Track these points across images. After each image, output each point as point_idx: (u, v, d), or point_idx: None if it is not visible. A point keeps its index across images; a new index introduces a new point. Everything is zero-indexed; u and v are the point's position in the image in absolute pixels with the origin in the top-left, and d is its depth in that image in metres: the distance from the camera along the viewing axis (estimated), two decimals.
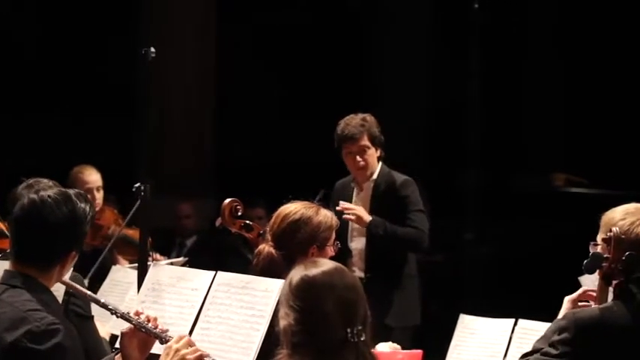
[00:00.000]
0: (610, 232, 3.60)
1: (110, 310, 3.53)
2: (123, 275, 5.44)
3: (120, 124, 10.85)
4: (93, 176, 6.89)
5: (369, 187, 6.16)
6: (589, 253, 3.70)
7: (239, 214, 4.82)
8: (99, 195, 6.89)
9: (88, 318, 4.14)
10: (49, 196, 3.29)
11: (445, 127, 11.27)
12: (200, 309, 3.86)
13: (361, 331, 2.89)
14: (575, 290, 3.94)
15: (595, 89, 11.37)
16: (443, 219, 8.60)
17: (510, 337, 4.39)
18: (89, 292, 3.67)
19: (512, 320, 4.42)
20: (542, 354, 3.58)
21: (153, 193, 4.91)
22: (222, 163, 11.43)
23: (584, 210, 4.34)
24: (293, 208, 4.24)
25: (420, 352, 4.38)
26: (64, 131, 11.59)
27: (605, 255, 3.62)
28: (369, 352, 2.94)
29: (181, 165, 10.94)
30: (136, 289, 4.71)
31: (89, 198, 3.43)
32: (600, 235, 3.71)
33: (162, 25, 10.80)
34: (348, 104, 6.44)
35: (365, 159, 6.06)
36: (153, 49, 4.90)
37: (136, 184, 4.91)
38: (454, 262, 9.44)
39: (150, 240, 5.01)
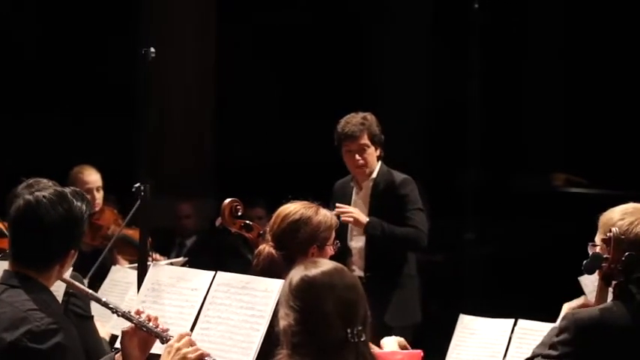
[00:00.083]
0: (609, 232, 3.60)
1: (111, 309, 3.53)
2: (123, 275, 5.44)
3: (120, 124, 10.84)
4: (93, 176, 6.89)
5: (368, 186, 6.15)
6: (588, 253, 3.70)
7: (239, 214, 4.82)
8: (99, 195, 6.88)
9: (87, 318, 4.14)
10: (44, 197, 3.29)
11: (445, 127, 11.27)
12: (200, 309, 3.86)
13: (361, 332, 2.89)
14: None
15: (595, 89, 11.37)
16: (443, 219, 8.61)
17: (510, 337, 4.39)
18: (90, 290, 3.67)
19: (512, 320, 4.42)
20: (544, 357, 3.59)
21: (153, 193, 4.91)
22: (222, 163, 11.43)
23: (583, 210, 4.33)
24: (293, 208, 4.24)
25: (420, 352, 4.38)
26: (64, 131, 11.59)
27: (605, 255, 3.62)
28: (369, 352, 2.93)
29: (181, 165, 10.94)
30: (136, 289, 4.71)
31: (86, 196, 3.43)
32: (599, 236, 3.71)
33: (163, 25, 10.80)
34: (348, 104, 6.44)
35: (364, 157, 6.06)
36: (153, 49, 4.90)
37: (136, 184, 4.91)
38: (454, 262, 9.43)
39: (150, 240, 5.01)
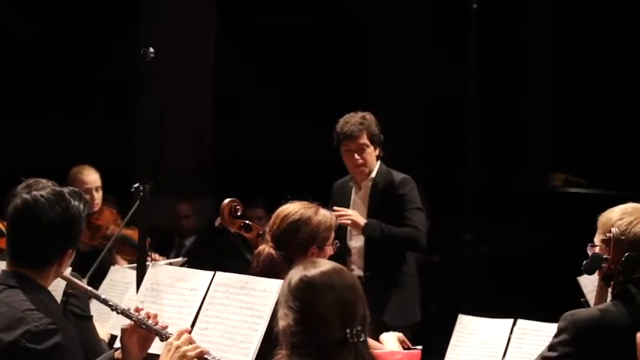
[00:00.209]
0: (609, 232, 3.61)
1: (110, 307, 3.53)
2: (122, 275, 5.44)
3: (120, 124, 10.87)
4: (92, 176, 6.89)
5: (367, 186, 6.15)
6: (587, 254, 3.70)
7: (238, 214, 4.82)
8: (98, 195, 6.88)
9: (86, 318, 4.14)
10: (42, 196, 3.29)
11: (444, 126, 11.26)
12: (199, 309, 3.86)
13: (360, 332, 2.89)
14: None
15: (595, 89, 11.37)
16: (442, 219, 8.61)
17: (509, 338, 4.39)
18: (89, 287, 3.68)
19: (511, 320, 4.43)
20: (543, 358, 3.59)
21: (152, 193, 4.91)
22: (222, 163, 11.43)
23: (583, 210, 4.33)
24: (292, 208, 4.24)
25: (419, 352, 4.39)
26: (63, 131, 11.59)
27: (605, 256, 3.62)
28: (368, 352, 2.93)
29: (181, 165, 10.95)
30: (135, 289, 4.71)
31: (84, 195, 3.43)
32: (598, 236, 3.71)
33: (162, 25, 10.80)
34: (347, 104, 6.43)
35: (363, 157, 6.06)
36: (152, 49, 4.90)
37: (135, 184, 4.91)
38: (453, 262, 9.42)
39: (149, 240, 5.00)
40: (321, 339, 2.87)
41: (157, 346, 3.53)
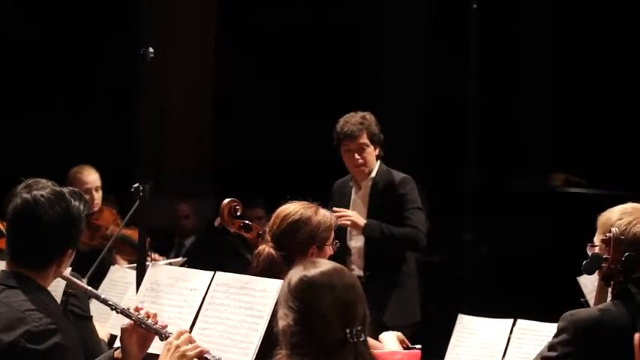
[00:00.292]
0: (609, 232, 3.61)
1: (110, 306, 3.53)
2: (121, 275, 5.44)
3: (120, 124, 10.86)
4: (92, 176, 6.88)
5: (367, 186, 6.15)
6: (587, 254, 3.70)
7: (238, 214, 4.82)
8: (98, 195, 6.88)
9: (86, 318, 4.14)
10: (42, 196, 3.29)
11: (444, 126, 11.26)
12: (199, 309, 3.86)
13: (360, 332, 2.89)
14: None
15: (595, 89, 11.37)
16: (442, 219, 8.61)
17: (509, 338, 4.39)
18: (89, 287, 3.68)
19: (511, 320, 4.43)
20: (543, 357, 3.59)
21: (152, 193, 4.91)
22: (222, 163, 11.42)
23: (583, 210, 4.33)
24: (292, 208, 4.24)
25: (419, 352, 4.38)
26: (63, 131, 11.59)
27: (605, 256, 3.62)
28: (368, 352, 2.93)
29: (181, 165, 10.95)
30: (135, 289, 4.71)
31: (84, 196, 3.43)
32: (598, 236, 3.71)
33: (162, 25, 10.80)
34: (347, 104, 6.43)
35: (364, 157, 6.06)
36: (152, 49, 4.90)
37: (135, 184, 4.91)
38: (453, 262, 9.42)
39: (148, 240, 5.00)
40: (321, 339, 2.86)
41: (156, 346, 3.53)
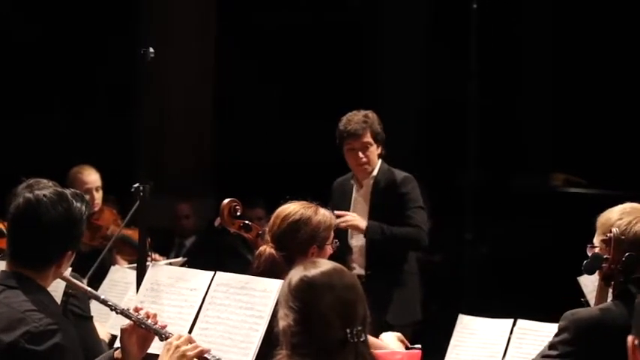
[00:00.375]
0: (609, 232, 3.61)
1: (110, 307, 3.53)
2: (122, 275, 5.44)
3: (120, 124, 10.86)
4: (92, 176, 6.88)
5: (368, 184, 6.14)
6: (587, 254, 3.70)
7: (238, 214, 4.82)
8: (98, 195, 6.88)
9: (86, 318, 4.14)
10: (44, 196, 3.29)
11: (444, 126, 11.26)
12: (199, 309, 3.85)
13: (361, 332, 2.88)
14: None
15: (595, 89, 11.37)
16: (442, 219, 8.60)
17: (509, 338, 4.39)
18: (89, 288, 3.67)
19: (511, 320, 4.42)
20: (543, 357, 3.59)
21: (152, 193, 4.91)
22: (222, 163, 11.42)
23: (583, 210, 4.33)
24: (292, 208, 4.24)
25: (419, 352, 4.38)
26: (63, 131, 11.59)
27: (605, 256, 3.62)
28: (368, 352, 2.93)
29: (181, 165, 10.95)
30: (135, 289, 4.71)
31: (86, 198, 3.43)
32: (598, 237, 3.71)
33: (162, 25, 10.80)
34: (347, 104, 6.43)
35: (367, 155, 6.05)
36: (152, 49, 4.90)
37: (135, 184, 4.91)
38: (453, 262, 9.42)
39: (149, 240, 5.01)
40: (322, 339, 2.86)
41: (156, 346, 3.53)
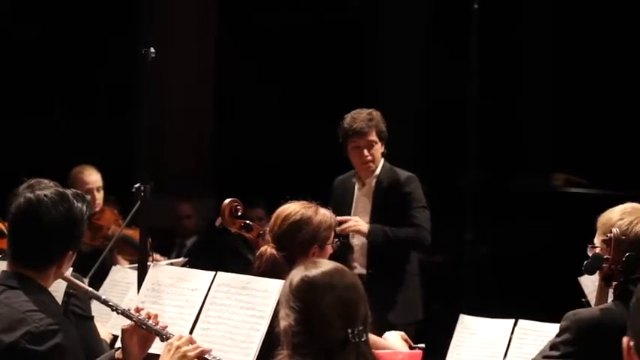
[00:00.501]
0: (610, 233, 3.61)
1: (111, 307, 3.53)
2: (123, 276, 5.45)
3: (120, 124, 10.86)
4: (93, 176, 6.89)
5: (371, 183, 6.13)
6: (588, 254, 3.70)
7: (239, 214, 4.82)
8: (99, 195, 6.88)
9: (87, 318, 4.14)
10: (45, 196, 3.29)
11: (445, 126, 11.26)
12: (200, 309, 3.85)
13: (362, 332, 2.89)
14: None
15: (595, 89, 11.37)
16: (442, 219, 8.59)
17: (510, 338, 4.39)
18: (90, 288, 3.68)
19: (512, 320, 4.42)
20: (544, 357, 3.59)
21: (153, 193, 4.91)
22: (222, 163, 11.42)
23: (583, 210, 4.33)
24: (293, 208, 4.24)
25: (420, 352, 4.38)
26: (64, 131, 11.59)
27: (606, 256, 3.63)
28: (369, 352, 2.93)
29: (181, 165, 10.95)
30: (136, 289, 4.71)
31: (87, 198, 3.43)
32: (598, 237, 3.71)
33: (162, 25, 10.80)
34: (347, 104, 6.43)
35: (372, 154, 6.04)
36: (153, 49, 4.91)
37: (136, 184, 4.92)
38: (454, 262, 9.42)
39: (150, 240, 5.01)
40: (323, 339, 2.86)
41: (157, 347, 3.53)
